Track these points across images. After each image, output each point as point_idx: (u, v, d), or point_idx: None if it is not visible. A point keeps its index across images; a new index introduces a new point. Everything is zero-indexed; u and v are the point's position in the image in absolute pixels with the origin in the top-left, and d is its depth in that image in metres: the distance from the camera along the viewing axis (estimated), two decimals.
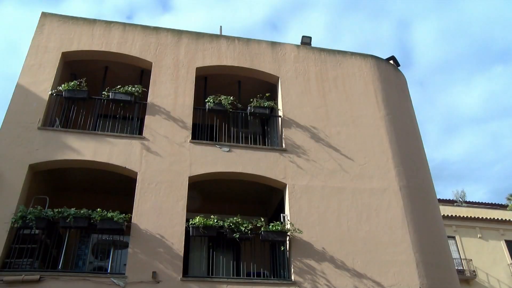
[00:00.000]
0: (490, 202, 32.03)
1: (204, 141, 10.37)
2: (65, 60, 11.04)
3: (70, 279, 8.21)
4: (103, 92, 10.55)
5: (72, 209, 8.69)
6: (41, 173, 9.78)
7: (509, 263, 26.73)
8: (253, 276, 9.03)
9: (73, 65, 11.42)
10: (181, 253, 8.77)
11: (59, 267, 8.71)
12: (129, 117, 10.58)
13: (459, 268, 24.41)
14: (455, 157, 75.35)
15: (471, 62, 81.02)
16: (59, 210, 8.69)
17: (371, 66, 12.68)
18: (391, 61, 13.63)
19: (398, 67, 13.73)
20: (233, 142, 10.73)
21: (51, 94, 10.21)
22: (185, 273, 8.80)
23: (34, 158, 9.31)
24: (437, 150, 74.88)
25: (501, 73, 76.13)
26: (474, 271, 25.92)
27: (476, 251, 26.67)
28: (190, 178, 9.73)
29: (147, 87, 10.83)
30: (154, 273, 8.41)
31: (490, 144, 76.22)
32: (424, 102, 78.37)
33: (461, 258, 26.01)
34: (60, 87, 10.26)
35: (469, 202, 31.50)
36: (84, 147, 9.67)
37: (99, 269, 9.45)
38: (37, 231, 8.64)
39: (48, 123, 10.03)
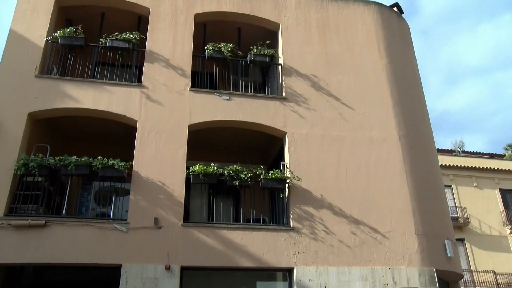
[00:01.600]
0: (487, 152, 32.30)
1: (203, 89, 10.29)
2: (59, 5, 10.73)
3: (74, 225, 8.42)
4: (100, 40, 10.33)
5: (73, 157, 8.77)
6: (41, 121, 9.77)
7: (501, 210, 27.38)
8: (253, 222, 9.26)
9: (68, 11, 11.11)
10: (182, 200, 8.94)
11: (63, 213, 8.91)
12: (127, 65, 10.43)
13: (453, 215, 25.03)
14: (456, 108, 75.17)
15: (478, 10, 78.94)
16: (60, 158, 8.77)
17: (374, 13, 12.35)
18: (395, 8, 13.26)
19: (402, 15, 13.38)
20: (233, 90, 10.65)
21: (47, 40, 10.00)
22: (186, 219, 9.01)
23: (33, 106, 9.28)
24: (438, 100, 74.57)
25: (509, 21, 74.43)
26: (467, 219, 26.59)
27: (470, 200, 27.27)
28: (190, 126, 9.74)
29: (145, 35, 10.60)
30: (155, 219, 8.62)
31: (492, 95, 75.83)
32: (427, 52, 77.14)
33: (456, 206, 26.62)
34: (55, 34, 10.04)
35: (467, 152, 31.79)
36: (83, 95, 9.60)
37: (102, 215, 9.66)
38: (39, 179, 8.78)
39: (45, 71, 9.91)
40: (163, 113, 9.72)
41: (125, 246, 8.37)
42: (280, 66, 11.09)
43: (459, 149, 31.63)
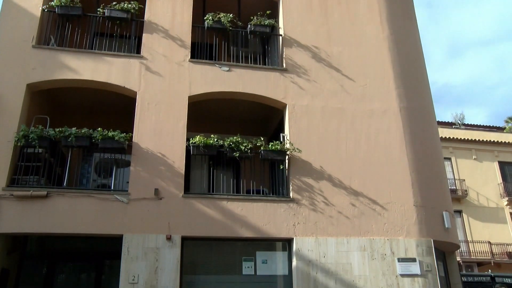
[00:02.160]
0: (488, 125, 32.29)
1: (203, 60, 10.18)
2: None
3: (76, 196, 8.49)
4: (98, 9, 10.16)
5: (73, 128, 8.77)
6: (40, 93, 9.72)
7: (499, 182, 27.59)
8: (253, 193, 9.33)
9: None
10: (182, 171, 8.99)
11: (64, 184, 8.97)
12: (126, 35, 10.29)
13: (452, 187, 25.26)
14: (458, 80, 74.64)
15: None
16: (60, 129, 8.76)
17: None
18: None
19: None
20: (233, 61, 10.54)
21: (43, 10, 9.84)
22: (186, 190, 9.08)
23: (31, 77, 9.20)
24: (440, 73, 73.99)
25: None
26: (466, 191, 26.84)
27: (469, 172, 27.46)
28: (190, 97, 9.69)
29: (144, 4, 10.41)
30: (156, 190, 8.68)
31: (496, 67, 75.18)
32: (430, 24, 76.02)
33: (454, 179, 26.82)
34: (52, 3, 9.87)
35: (467, 125, 31.80)
36: (82, 66, 9.51)
37: (103, 187, 9.73)
38: (40, 150, 8.79)
39: (42, 41, 9.79)
40: (162, 84, 9.66)
41: (126, 217, 8.47)
42: (280, 37, 10.94)
43: (459, 122, 31.62)
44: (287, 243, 9.14)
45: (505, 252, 25.86)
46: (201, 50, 10.47)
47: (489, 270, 23.91)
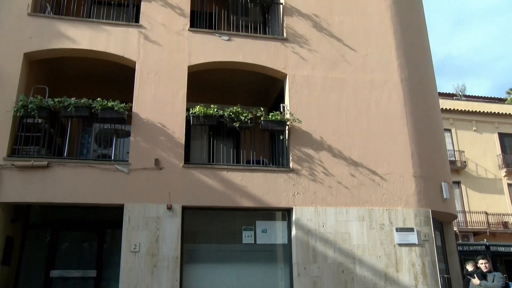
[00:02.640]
0: (489, 96, 32.13)
1: (203, 30, 10.03)
2: None
3: (76, 166, 8.53)
4: None
5: (72, 98, 8.71)
6: (38, 62, 9.61)
7: (498, 154, 27.67)
8: (253, 163, 9.37)
9: None
10: (182, 141, 9.00)
11: (65, 154, 9.00)
12: (124, 3, 10.10)
13: (451, 159, 25.36)
14: (460, 51, 73.78)
15: None
16: (60, 99, 8.71)
17: None
18: None
19: None
20: (233, 30, 10.38)
21: None
22: (187, 160, 9.11)
23: (28, 46, 9.08)
24: (443, 44, 73.07)
25: None
26: (465, 162, 26.95)
27: (469, 143, 27.52)
28: (190, 67, 9.60)
29: None
30: (156, 160, 8.71)
31: (500, 38, 74.16)
32: None
33: (454, 150, 26.89)
34: None
35: (468, 96, 31.63)
36: (80, 35, 9.37)
37: (103, 157, 9.75)
38: (39, 120, 8.77)
39: (38, 9, 9.61)
40: (162, 54, 9.55)
41: (127, 187, 8.53)
42: (281, 6, 10.74)
43: (460, 93, 31.44)
44: (287, 212, 9.24)
45: (501, 222, 26.21)
46: (201, 19, 10.31)
47: (485, 240, 24.31)
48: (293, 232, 8.95)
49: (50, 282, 9.24)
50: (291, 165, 9.34)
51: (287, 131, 9.59)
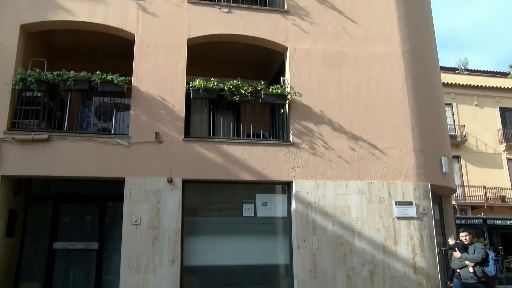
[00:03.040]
0: (491, 70, 31.85)
1: (202, 1, 9.86)
2: None
3: (77, 139, 8.53)
4: None
5: (72, 72, 8.65)
6: (35, 35, 9.49)
7: (498, 128, 27.64)
8: (253, 137, 9.37)
9: None
10: (182, 115, 8.97)
11: (65, 128, 8.99)
12: None
13: (451, 133, 25.36)
14: (464, 24, 72.75)
15: None
16: (58, 73, 8.64)
17: None
18: None
19: None
20: (233, 2, 10.19)
21: None
22: (187, 134, 9.11)
23: (25, 18, 8.95)
24: (446, 16, 71.98)
25: None
26: (465, 137, 26.95)
27: (470, 118, 27.45)
28: (189, 40, 9.49)
29: None
30: (156, 133, 8.71)
31: (504, 11, 72.93)
32: None
33: (454, 124, 26.85)
34: None
35: (470, 70, 31.33)
36: (77, 7, 9.22)
37: (103, 130, 9.74)
38: (39, 94, 8.73)
39: None
40: (161, 26, 9.42)
41: (127, 160, 8.56)
42: None
43: (462, 67, 31.14)
44: (287, 186, 9.30)
45: (499, 196, 26.42)
46: None
47: (482, 213, 24.57)
48: (293, 205, 9.03)
49: (54, 254, 9.38)
50: (291, 139, 9.34)
51: (287, 105, 9.55)
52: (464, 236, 7.94)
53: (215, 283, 8.47)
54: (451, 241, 8.26)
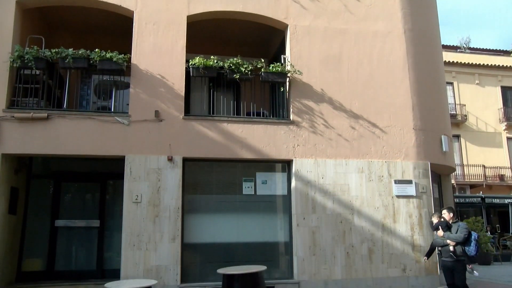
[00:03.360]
0: (494, 49, 31.55)
1: None
2: None
3: (76, 118, 8.51)
4: None
5: (70, 49, 8.56)
6: (32, 11, 9.37)
7: (499, 107, 27.58)
8: (253, 115, 9.34)
9: None
10: (182, 93, 8.93)
11: (64, 106, 8.96)
12: None
13: (452, 112, 25.31)
14: (467, 2, 71.69)
15: None
16: (57, 50, 8.56)
17: None
18: None
19: None
20: None
21: None
22: (187, 112, 9.08)
23: None
24: None
25: None
26: (465, 116, 26.92)
27: (470, 97, 27.36)
28: (189, 17, 9.36)
29: None
30: (156, 112, 8.69)
31: None
32: None
33: (455, 103, 26.78)
34: None
35: (472, 49, 31.03)
36: None
37: (103, 109, 9.70)
38: (37, 72, 8.67)
39: None
40: (160, 3, 9.28)
41: (127, 138, 8.55)
42: None
43: (464, 45, 30.81)
44: (287, 164, 9.32)
45: (498, 175, 26.55)
46: None
47: (481, 192, 24.72)
48: (293, 183, 9.07)
49: (56, 231, 9.47)
50: (291, 117, 9.32)
51: (287, 83, 9.50)
52: (447, 215, 7.80)
53: (215, 260, 8.57)
54: (434, 220, 8.07)
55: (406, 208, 9.41)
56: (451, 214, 7.70)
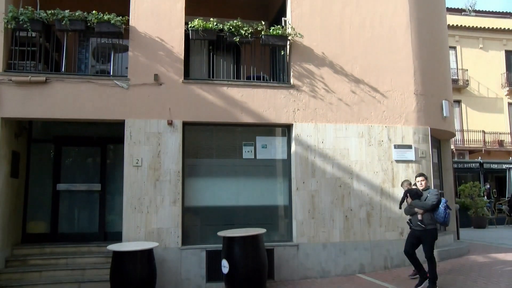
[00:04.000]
0: (500, 11, 30.88)
1: None
2: None
3: (75, 81, 8.43)
4: None
5: (66, 11, 8.38)
6: None
7: (502, 72, 27.30)
8: (253, 79, 9.25)
9: None
10: (182, 56, 8.81)
11: (63, 70, 8.86)
12: None
13: (454, 77, 25.07)
14: None
15: None
16: (53, 11, 8.38)
17: None
18: None
19: None
20: None
21: None
22: (186, 75, 8.99)
23: None
24: None
25: None
26: (467, 81, 26.70)
27: (473, 61, 27.04)
28: None
29: None
30: (155, 75, 8.60)
31: None
32: None
33: (457, 68, 26.50)
34: None
35: (478, 11, 30.37)
36: None
37: (102, 72, 9.60)
38: (33, 34, 8.52)
39: None
40: None
41: (127, 102, 8.50)
42: None
43: (470, 8, 30.14)
44: (287, 128, 9.31)
45: (497, 140, 26.62)
46: None
47: (479, 157, 24.86)
48: (293, 147, 9.09)
49: (58, 195, 9.58)
50: (291, 81, 9.24)
51: (288, 46, 9.36)
52: (420, 181, 7.52)
53: (216, 223, 8.70)
54: (404, 187, 7.80)
55: (405, 172, 9.48)
56: (424, 181, 7.46)
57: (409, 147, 9.57)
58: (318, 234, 8.91)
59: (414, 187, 7.70)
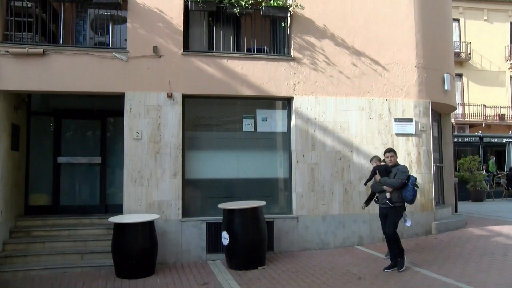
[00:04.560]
0: None
1: None
2: None
3: (74, 53, 8.33)
4: None
5: None
6: None
7: (506, 45, 26.94)
8: (253, 51, 9.14)
9: None
10: (181, 28, 8.69)
11: (61, 42, 8.75)
12: None
13: (456, 50, 24.79)
14: None
15: None
16: None
17: None
18: None
19: None
20: None
21: None
22: (186, 48, 8.87)
23: None
24: None
25: None
26: (470, 54, 26.42)
27: (477, 34, 26.66)
28: None
29: None
30: (155, 47, 8.49)
31: None
32: None
33: (460, 41, 26.17)
34: None
35: None
36: None
37: (100, 44, 9.50)
38: (29, 4, 8.36)
39: None
40: None
41: (126, 75, 8.43)
42: None
43: None
44: (287, 101, 9.26)
45: (498, 114, 26.55)
46: None
47: (479, 131, 24.84)
48: (293, 120, 9.06)
49: (58, 168, 9.62)
50: (292, 54, 9.13)
51: (289, 18, 9.20)
52: (389, 157, 7.14)
53: (216, 195, 8.76)
54: (373, 163, 7.53)
55: (405, 146, 9.48)
56: (394, 157, 7.14)
57: (410, 120, 9.54)
58: (318, 207, 8.99)
59: (383, 163, 7.40)
